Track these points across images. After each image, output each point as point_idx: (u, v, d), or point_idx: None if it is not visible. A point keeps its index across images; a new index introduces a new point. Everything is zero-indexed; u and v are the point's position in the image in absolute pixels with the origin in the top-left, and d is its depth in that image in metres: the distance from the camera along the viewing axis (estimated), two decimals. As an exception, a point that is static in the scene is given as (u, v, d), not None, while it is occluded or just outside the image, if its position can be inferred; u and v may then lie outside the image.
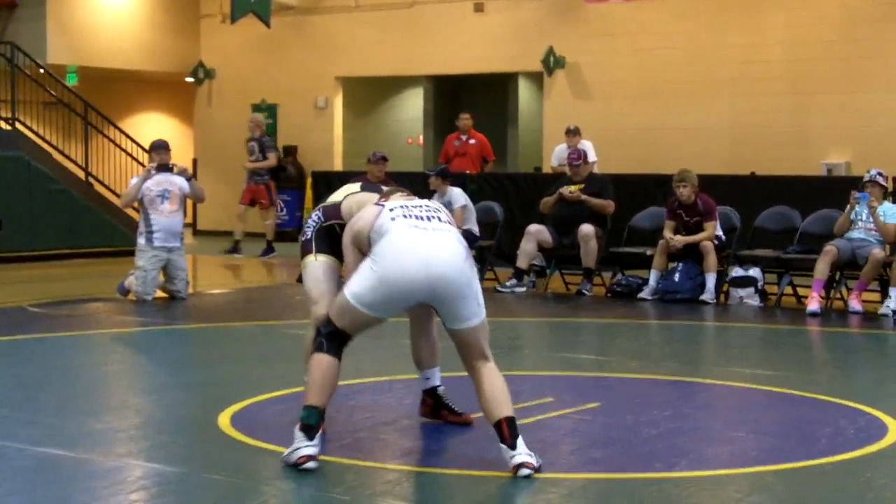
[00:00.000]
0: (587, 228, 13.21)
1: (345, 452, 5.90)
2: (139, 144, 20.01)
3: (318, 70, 21.98)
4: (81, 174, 19.25)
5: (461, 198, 13.92)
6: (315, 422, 5.68)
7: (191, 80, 23.44)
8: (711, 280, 12.51)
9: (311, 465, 5.63)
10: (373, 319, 5.78)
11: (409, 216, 5.77)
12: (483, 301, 5.82)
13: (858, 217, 12.04)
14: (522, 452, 5.56)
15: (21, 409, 7.15)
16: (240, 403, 7.14)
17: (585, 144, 15.78)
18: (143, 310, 11.77)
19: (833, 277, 12.13)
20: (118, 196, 16.65)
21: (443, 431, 6.54)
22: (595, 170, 15.14)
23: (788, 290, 12.61)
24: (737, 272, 12.61)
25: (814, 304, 11.65)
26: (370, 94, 23.03)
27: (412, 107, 23.31)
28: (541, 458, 5.62)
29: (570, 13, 19.41)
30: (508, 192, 15.67)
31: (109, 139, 20.33)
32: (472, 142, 17.56)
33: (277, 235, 19.61)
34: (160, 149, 12.76)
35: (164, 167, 12.58)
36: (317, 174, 18.40)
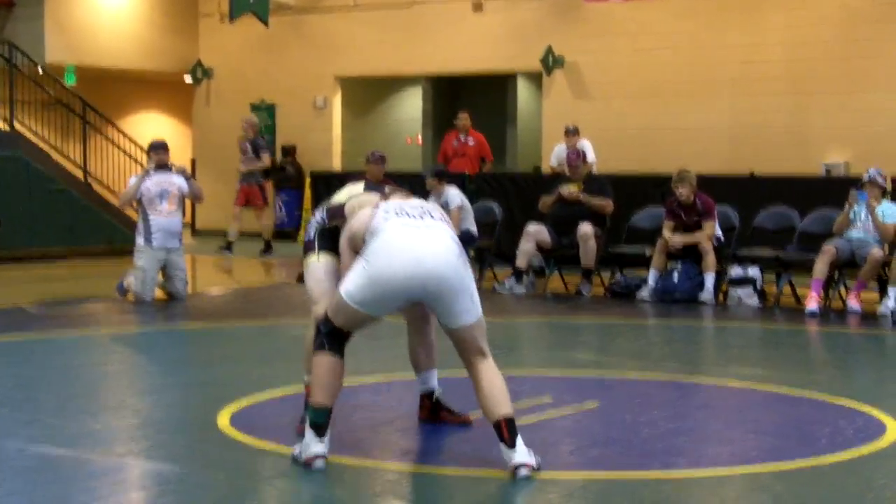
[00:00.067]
0: (586, 228, 13.22)
1: (344, 452, 5.90)
2: (138, 144, 20.01)
3: (317, 70, 21.99)
4: (80, 174, 19.25)
5: (457, 198, 13.92)
6: (323, 420, 5.69)
7: (189, 80, 23.43)
8: (710, 280, 12.52)
9: (320, 465, 5.63)
10: (367, 317, 5.78)
11: (402, 214, 5.78)
12: (478, 299, 5.80)
13: (857, 217, 12.05)
14: (521, 452, 5.56)
15: (21, 409, 7.15)
16: (239, 403, 7.14)
17: (584, 144, 15.79)
18: (142, 309, 11.78)
19: (832, 277, 12.14)
20: (117, 196, 16.66)
21: (442, 431, 6.54)
22: (594, 170, 15.15)
23: (787, 290, 12.61)
24: (736, 272, 12.61)
25: (812, 304, 11.66)
26: (369, 94, 23.04)
27: (411, 106, 23.31)
28: (540, 458, 5.62)
29: (570, 13, 19.42)
30: (507, 192, 15.66)
31: (108, 139, 20.34)
32: (471, 142, 17.55)
33: (276, 235, 19.62)
34: (159, 148, 12.76)
35: (163, 167, 12.58)
36: (315, 174, 18.37)
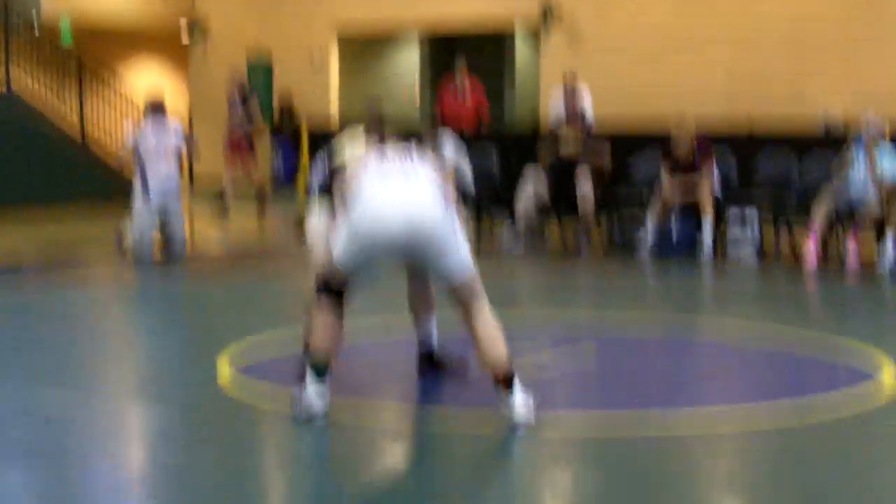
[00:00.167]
0: (584, 185, 13.20)
1: (345, 394, 5.91)
2: (134, 101, 19.93)
3: (314, 24, 21.88)
4: (77, 129, 19.19)
5: (452, 147, 13.85)
6: (323, 371, 5.71)
7: (186, 41, 23.31)
8: (708, 232, 12.51)
9: (320, 412, 5.64)
10: (357, 274, 5.76)
11: (382, 160, 5.75)
12: (470, 250, 5.78)
13: (855, 159, 12.01)
14: (519, 400, 5.57)
15: (19, 363, 7.16)
16: (239, 353, 7.15)
17: (583, 98, 15.71)
18: (140, 265, 11.77)
19: (830, 229, 12.12)
20: (114, 152, 16.61)
21: (441, 383, 6.57)
22: (591, 124, 15.09)
23: (785, 241, 12.61)
24: (733, 223, 12.60)
25: (810, 255, 11.65)
26: (366, 49, 22.94)
27: (408, 64, 23.22)
28: (538, 399, 5.62)
29: (567, -33, 19.31)
30: (505, 149, 15.61)
31: (105, 96, 20.25)
32: (469, 96, 17.46)
33: (273, 188, 19.52)
34: (155, 105, 12.73)
35: (160, 124, 12.55)
36: (312, 128, 18.32)
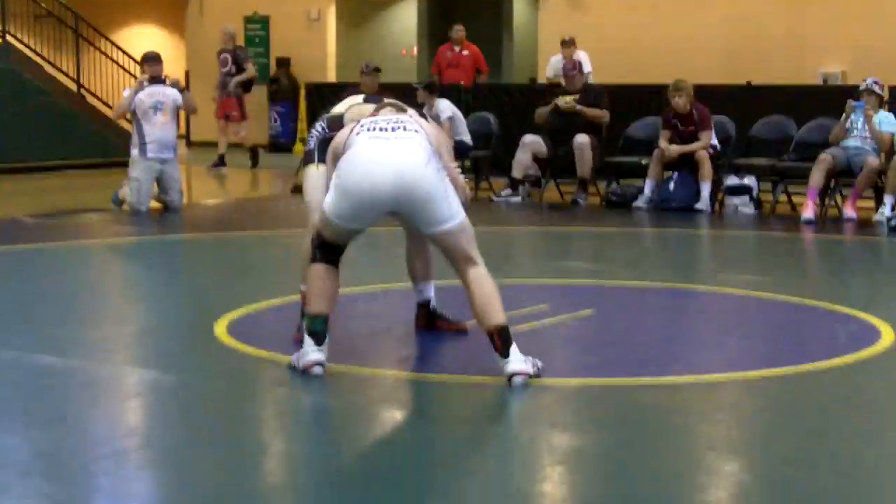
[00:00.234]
0: (582, 138, 13.18)
1: (341, 359, 5.91)
2: (131, 56, 19.86)
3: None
4: (73, 86, 19.13)
5: (448, 109, 13.87)
6: (321, 328, 5.70)
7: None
8: (706, 189, 12.50)
9: (319, 371, 5.66)
10: (348, 230, 5.77)
11: (374, 128, 5.76)
12: (459, 205, 5.75)
13: (854, 126, 12.02)
14: (515, 360, 5.56)
15: (16, 320, 7.16)
16: (236, 311, 7.15)
17: (581, 55, 15.69)
18: (138, 220, 11.76)
19: (828, 185, 12.13)
20: (111, 108, 16.56)
21: (438, 339, 6.56)
22: (590, 80, 15.06)
23: (783, 199, 12.61)
24: (732, 181, 12.59)
25: (809, 212, 11.65)
26: (363, 6, 22.83)
27: (406, 18, 23.12)
28: (541, 363, 5.64)
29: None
30: (503, 104, 15.59)
31: (101, 51, 20.18)
32: (466, 53, 17.46)
33: (271, 147, 19.53)
34: (152, 61, 12.68)
35: (157, 79, 12.52)
36: (310, 86, 18.29)
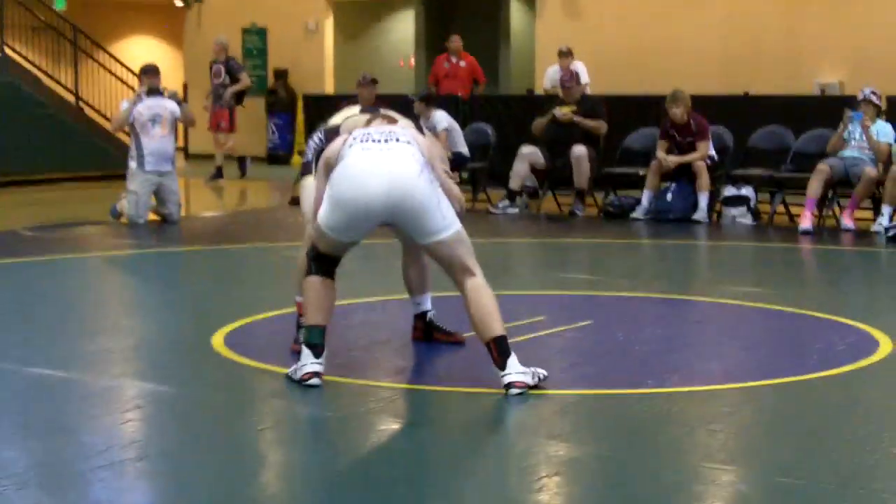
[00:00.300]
0: (579, 149, 13.19)
1: (339, 371, 5.92)
2: (129, 68, 19.88)
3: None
4: (72, 98, 19.14)
5: (444, 120, 13.88)
6: (318, 340, 5.72)
7: (180, 4, 23.22)
8: (704, 199, 12.51)
9: (316, 382, 5.66)
10: (343, 242, 5.79)
11: (366, 140, 5.76)
12: (454, 215, 5.76)
13: (851, 136, 12.03)
14: (513, 371, 5.55)
15: (15, 331, 7.16)
16: (233, 323, 7.15)
17: (578, 66, 15.70)
18: (136, 233, 11.77)
19: (825, 196, 12.14)
20: (109, 120, 16.57)
21: (436, 350, 6.56)
22: (587, 91, 15.07)
23: (781, 209, 12.62)
24: (729, 191, 12.61)
25: (806, 223, 11.66)
26: (361, 16, 22.86)
27: (403, 29, 23.14)
28: (543, 372, 5.63)
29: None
30: (500, 114, 15.61)
31: (99, 63, 20.19)
32: (463, 63, 17.48)
33: (268, 158, 19.49)
34: (150, 73, 12.69)
35: (155, 91, 12.53)
36: (308, 97, 18.31)
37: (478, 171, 14.43)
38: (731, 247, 11.41)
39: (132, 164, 12.32)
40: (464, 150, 14.02)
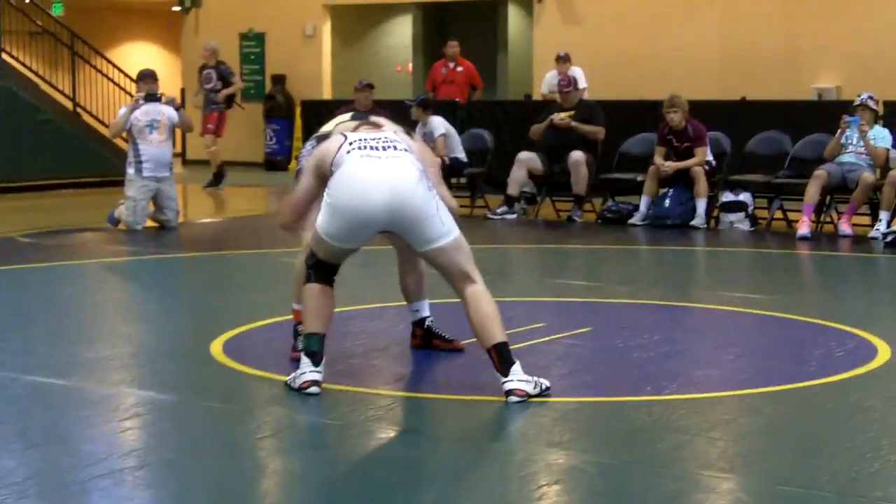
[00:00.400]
0: (577, 155, 13.19)
1: (338, 378, 5.92)
2: (127, 74, 19.88)
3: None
4: (69, 104, 19.13)
5: (441, 126, 13.89)
6: (317, 347, 5.72)
7: (178, 9, 23.23)
8: (702, 205, 12.52)
9: (315, 390, 5.66)
10: (342, 249, 5.78)
11: (364, 147, 5.76)
12: (453, 221, 5.76)
13: (849, 141, 12.04)
14: (514, 379, 5.56)
15: (13, 338, 7.16)
16: (232, 331, 7.15)
17: (576, 71, 15.70)
18: (134, 239, 11.76)
19: (823, 201, 12.15)
20: (106, 126, 16.56)
21: (435, 358, 6.56)
22: (585, 96, 15.08)
23: (779, 215, 12.63)
24: (727, 197, 12.61)
25: (804, 228, 11.67)
26: (359, 22, 22.86)
27: (401, 34, 23.15)
28: (546, 382, 5.63)
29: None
30: (498, 120, 15.60)
31: (97, 69, 20.19)
32: (460, 69, 17.50)
33: (266, 164, 19.44)
34: (148, 78, 12.70)
35: (153, 97, 12.52)
36: (306, 103, 18.28)
37: (475, 177, 14.42)
38: (729, 253, 11.41)
39: (130, 170, 12.31)
40: (461, 156, 14.03)
